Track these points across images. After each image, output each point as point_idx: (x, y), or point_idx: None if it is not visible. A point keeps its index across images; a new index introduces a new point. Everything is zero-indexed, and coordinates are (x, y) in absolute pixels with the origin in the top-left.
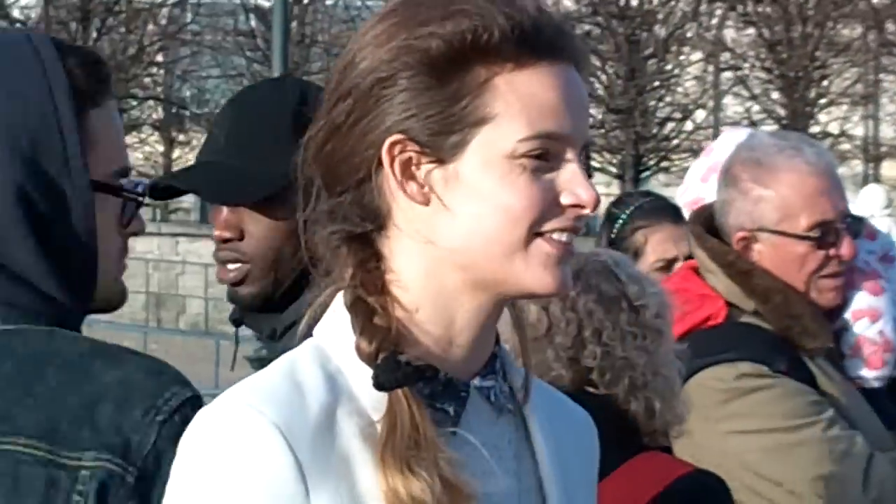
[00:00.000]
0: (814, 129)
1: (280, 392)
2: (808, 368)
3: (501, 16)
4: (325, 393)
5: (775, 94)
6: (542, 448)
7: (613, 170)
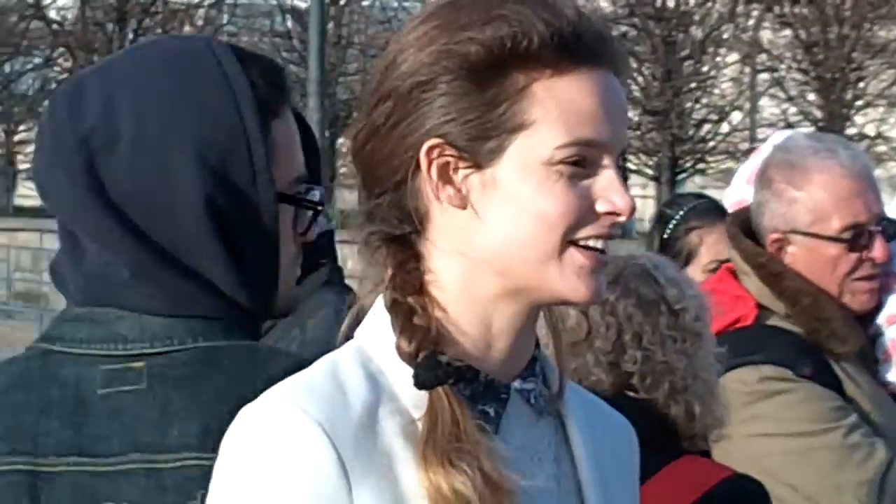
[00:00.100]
0: (850, 130)
1: (322, 390)
2: (835, 373)
3: (541, 22)
4: (366, 392)
5: (811, 96)
6: (580, 451)
7: (649, 172)
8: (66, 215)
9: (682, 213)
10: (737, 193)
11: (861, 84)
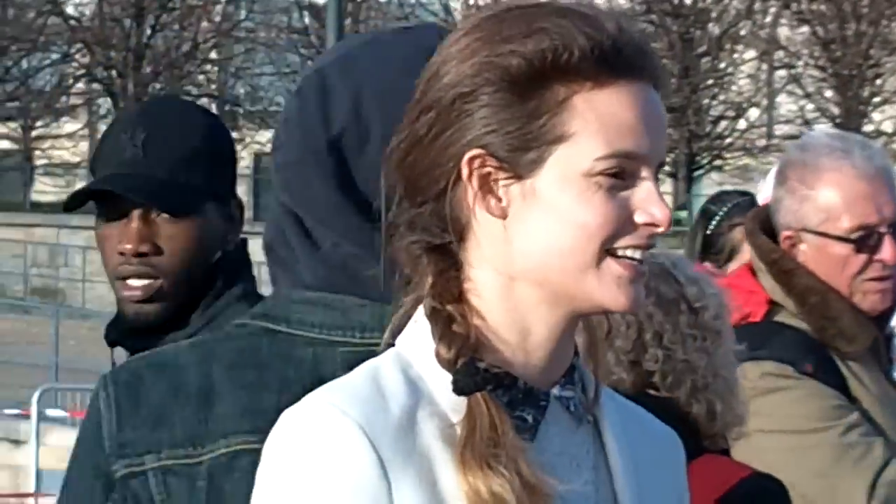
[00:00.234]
0: (867, 127)
1: (363, 394)
2: (840, 371)
3: (582, 35)
4: (405, 396)
5: (829, 93)
6: (616, 459)
7: (667, 168)
8: (313, 212)
9: (725, 209)
10: (767, 190)
11: (878, 81)
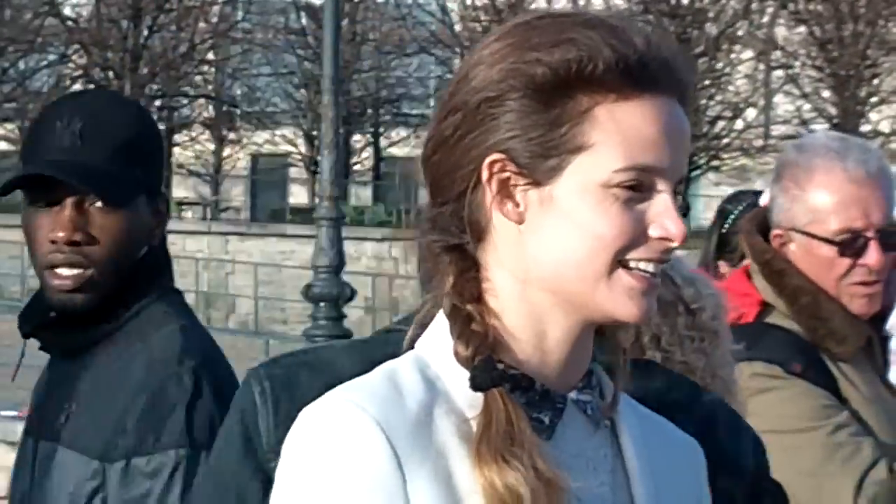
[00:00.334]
0: (865, 127)
1: (380, 391)
2: (830, 372)
3: (608, 48)
4: (422, 393)
5: (826, 93)
6: (633, 463)
7: None
8: None
9: (740, 208)
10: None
11: (875, 81)
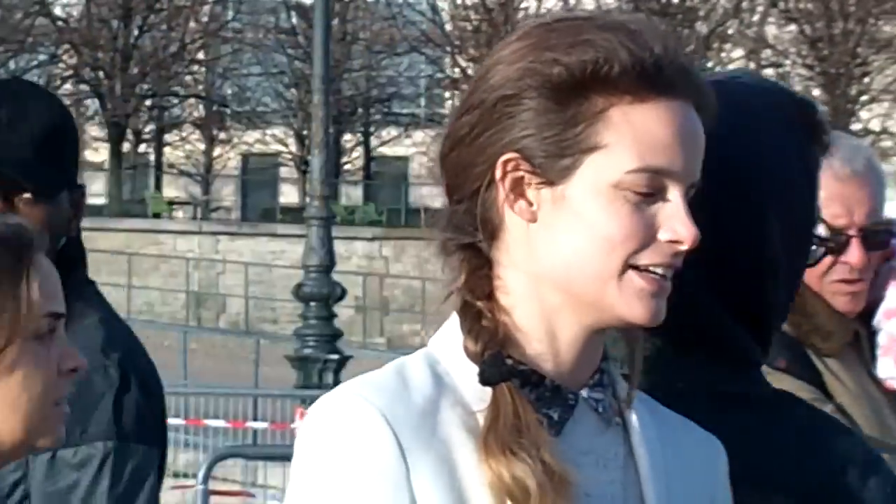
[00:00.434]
0: (855, 126)
1: (387, 384)
2: (815, 368)
3: (624, 50)
4: (430, 387)
5: (816, 91)
6: (644, 461)
7: None
8: None
9: None
10: None
11: (866, 79)
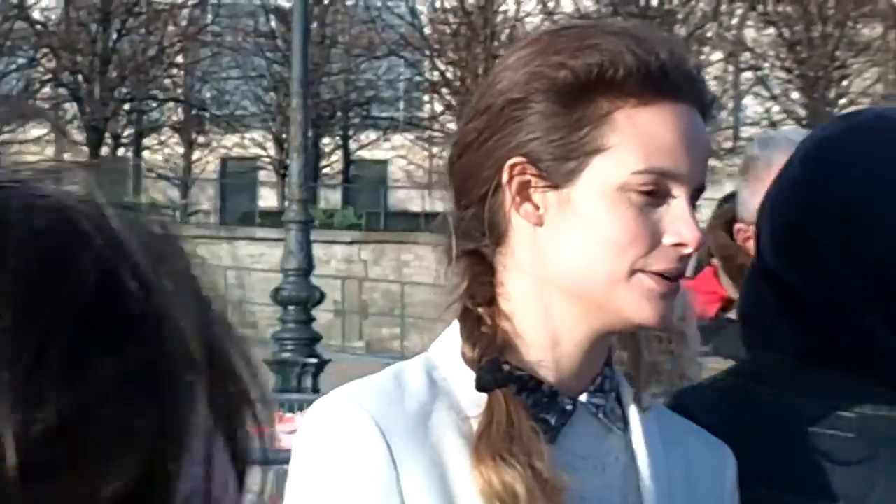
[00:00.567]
0: None
1: (382, 389)
2: None
3: (630, 54)
4: (425, 393)
5: (795, 94)
6: (645, 467)
7: None
8: (815, 277)
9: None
10: None
11: (844, 82)
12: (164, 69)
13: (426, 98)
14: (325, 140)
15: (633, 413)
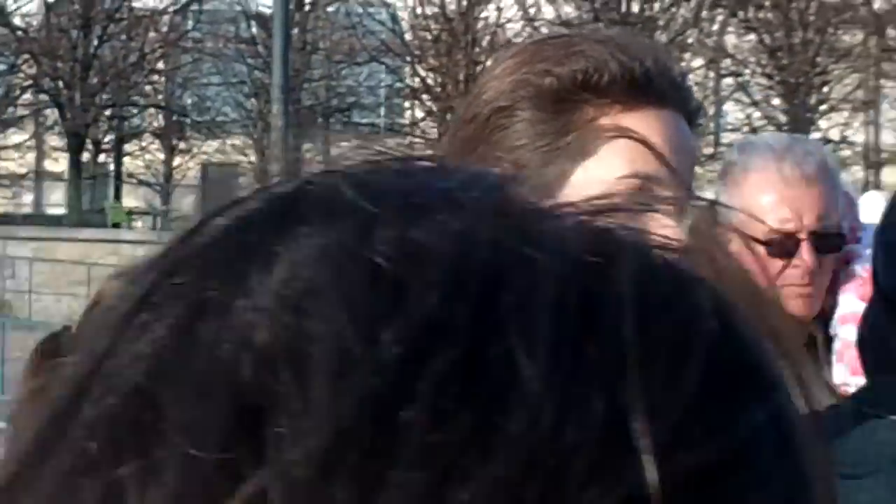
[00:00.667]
0: (814, 135)
1: None
2: None
3: (614, 61)
4: None
5: (776, 101)
6: None
7: None
8: None
9: None
10: None
11: (825, 88)
12: (144, 75)
13: (407, 104)
14: (307, 146)
15: None
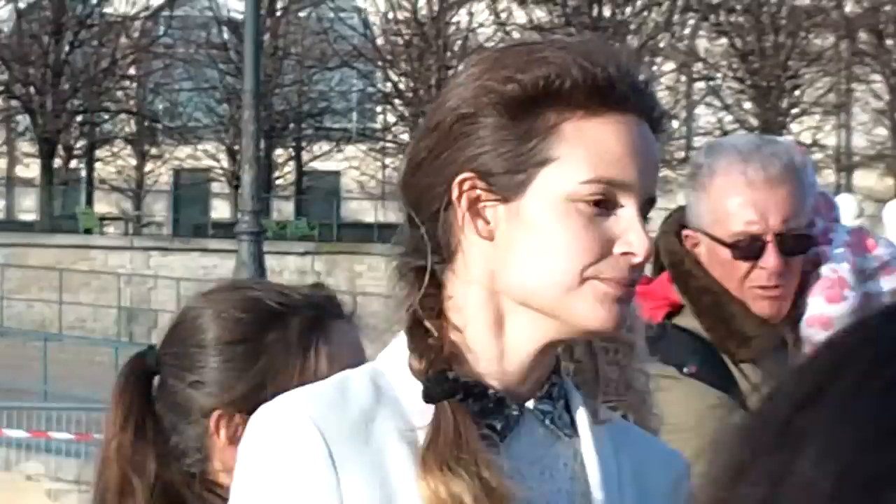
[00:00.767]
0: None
1: (325, 395)
2: (730, 373)
3: (576, 67)
4: (368, 398)
5: (748, 104)
6: (594, 472)
7: None
8: None
9: None
10: None
11: (797, 92)
12: (116, 81)
13: (379, 109)
14: (278, 151)
15: (581, 419)
